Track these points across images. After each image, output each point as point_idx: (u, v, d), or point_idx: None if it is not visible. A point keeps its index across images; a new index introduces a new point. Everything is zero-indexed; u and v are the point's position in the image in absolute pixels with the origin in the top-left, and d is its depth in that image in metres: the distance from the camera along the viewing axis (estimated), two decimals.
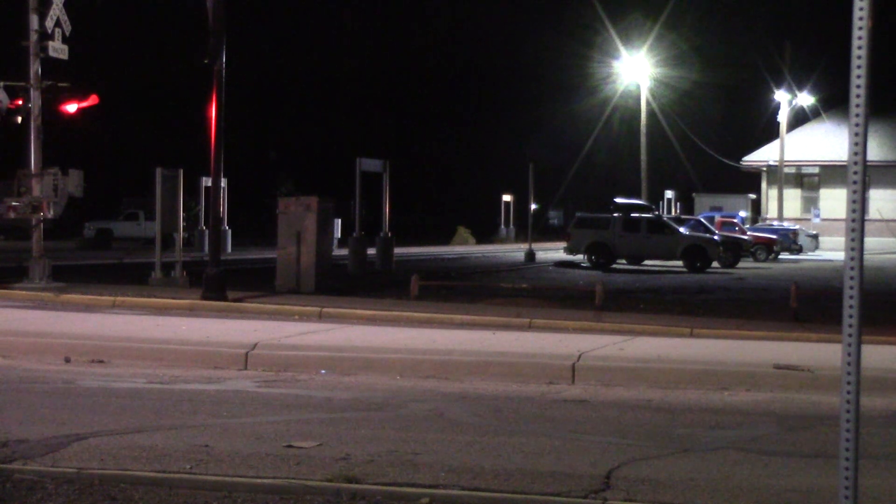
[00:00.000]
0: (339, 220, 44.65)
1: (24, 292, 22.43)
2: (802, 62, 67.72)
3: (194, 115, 41.37)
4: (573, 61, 71.05)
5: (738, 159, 69.04)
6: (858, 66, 5.11)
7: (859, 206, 5.15)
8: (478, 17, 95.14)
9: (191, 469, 7.94)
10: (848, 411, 5.20)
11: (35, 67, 23.47)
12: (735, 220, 50.95)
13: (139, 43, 74.26)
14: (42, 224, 24.41)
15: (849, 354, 5.18)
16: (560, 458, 8.53)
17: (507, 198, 74.08)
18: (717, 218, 50.17)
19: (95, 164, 54.20)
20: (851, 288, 5.17)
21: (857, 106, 5.12)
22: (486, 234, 69.79)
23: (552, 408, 11.06)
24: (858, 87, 5.12)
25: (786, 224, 56.75)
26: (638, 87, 60.30)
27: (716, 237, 41.71)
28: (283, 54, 79.20)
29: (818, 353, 13.75)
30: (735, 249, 42.73)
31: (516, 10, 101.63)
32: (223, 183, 32.51)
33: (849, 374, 5.19)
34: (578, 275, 35.96)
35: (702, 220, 46.73)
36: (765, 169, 66.50)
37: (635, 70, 59.98)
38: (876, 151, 59.95)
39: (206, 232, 35.25)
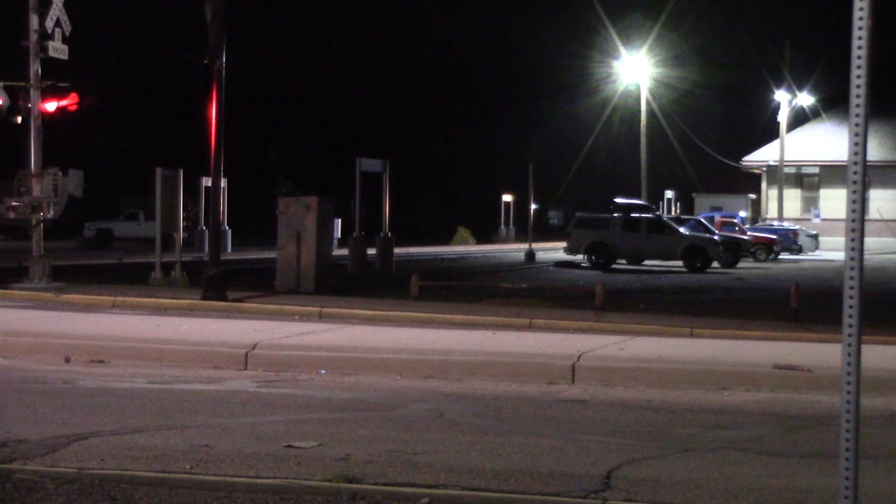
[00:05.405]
0: (339, 220, 44.61)
1: (24, 292, 22.42)
2: (802, 62, 67.79)
3: (194, 115, 41.36)
4: (573, 61, 71.07)
5: (738, 159, 69.05)
6: (858, 66, 5.11)
7: (859, 206, 5.15)
8: (478, 17, 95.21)
9: (191, 469, 7.94)
10: (848, 411, 5.20)
11: (35, 67, 23.46)
12: (735, 220, 50.93)
13: (139, 43, 74.27)
14: (42, 224, 24.40)
15: (849, 354, 5.18)
16: (560, 458, 8.53)
17: (507, 198, 74.10)
18: (717, 218, 50.15)
19: (95, 164, 54.22)
20: (851, 288, 5.17)
21: (857, 106, 5.12)
22: (486, 234, 69.80)
23: (552, 408, 11.06)
24: (858, 87, 5.11)
25: (786, 224, 56.74)
26: (638, 87, 60.28)
27: (716, 237, 41.71)
28: (283, 54, 79.19)
29: (818, 353, 13.74)
30: (735, 249, 42.73)
31: (517, 10, 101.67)
32: (223, 183, 32.52)
33: (849, 374, 5.19)
34: (578, 275, 35.96)
35: (702, 220, 46.71)
36: (765, 169, 66.50)
37: (635, 70, 59.95)
38: (876, 151, 59.96)
39: (206, 232, 35.25)
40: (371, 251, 34.99)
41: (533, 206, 51.61)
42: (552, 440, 9.25)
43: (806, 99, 68.47)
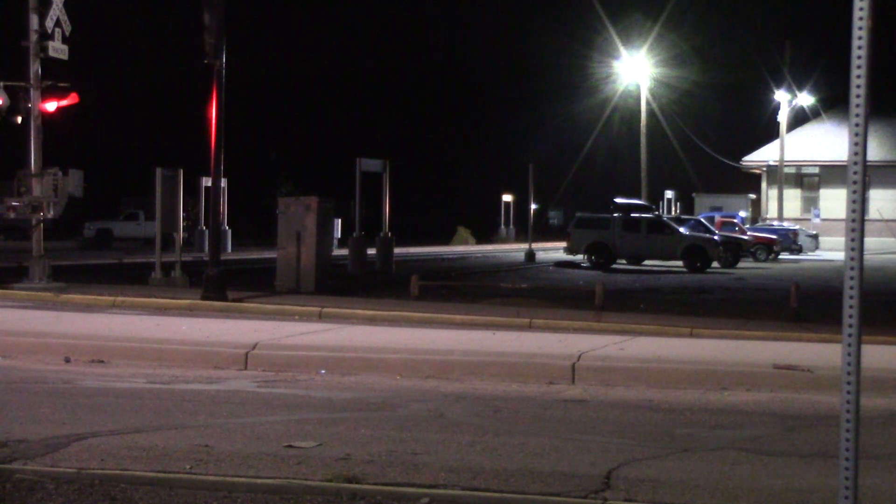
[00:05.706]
0: (339, 220, 44.64)
1: (24, 292, 22.42)
2: (802, 62, 67.81)
3: (194, 115, 41.35)
4: (573, 61, 71.10)
5: (738, 159, 69.06)
6: (858, 66, 5.11)
7: (859, 206, 5.15)
8: (478, 17, 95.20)
9: (191, 469, 7.94)
10: (848, 411, 5.20)
11: (35, 67, 23.46)
12: (735, 220, 50.94)
13: (139, 43, 74.25)
14: (42, 224, 24.40)
15: (849, 354, 5.18)
16: (560, 458, 8.53)
17: (507, 198, 74.10)
18: (717, 218, 50.16)
19: (95, 164, 54.19)
20: (851, 288, 5.17)
21: (857, 106, 5.12)
22: (486, 234, 69.80)
23: (552, 408, 11.06)
24: (858, 87, 5.11)
25: (786, 224, 56.75)
26: (638, 87, 60.29)
27: (716, 237, 41.72)
28: (283, 53, 79.19)
29: (818, 353, 13.75)
30: (735, 249, 42.76)
31: (517, 10, 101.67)
32: (223, 183, 32.52)
33: (849, 374, 5.19)
34: (578, 275, 35.97)
35: (702, 220, 46.72)
36: (765, 169, 66.51)
37: (635, 70, 59.97)
38: (876, 151, 59.97)
39: (206, 232, 35.25)
40: (371, 251, 35.00)
41: (533, 206, 51.63)
42: (552, 440, 9.24)
43: (806, 99, 68.49)
